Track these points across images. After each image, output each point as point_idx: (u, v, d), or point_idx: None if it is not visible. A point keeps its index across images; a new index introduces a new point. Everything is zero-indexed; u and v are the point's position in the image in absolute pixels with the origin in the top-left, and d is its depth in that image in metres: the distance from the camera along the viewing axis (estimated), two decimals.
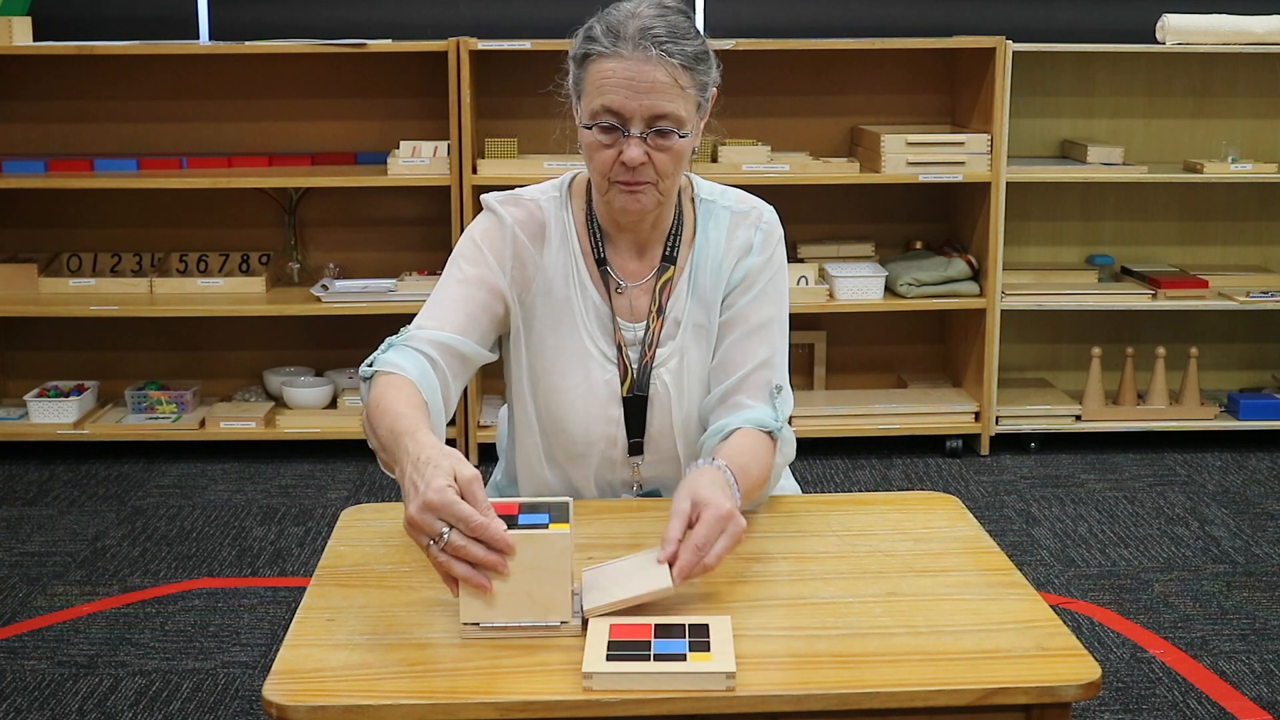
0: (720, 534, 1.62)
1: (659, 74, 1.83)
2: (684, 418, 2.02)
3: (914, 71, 4.74)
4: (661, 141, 1.86)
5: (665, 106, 1.84)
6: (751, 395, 1.97)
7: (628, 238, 2.01)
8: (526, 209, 2.01)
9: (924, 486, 4.23)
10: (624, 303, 2.01)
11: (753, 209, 2.05)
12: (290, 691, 1.45)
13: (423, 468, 1.56)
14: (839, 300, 4.45)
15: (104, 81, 4.63)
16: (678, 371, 2.01)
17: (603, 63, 1.85)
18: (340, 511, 2.09)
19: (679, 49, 1.84)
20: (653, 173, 1.88)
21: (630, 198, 1.90)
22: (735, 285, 2.01)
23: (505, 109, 4.61)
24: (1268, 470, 4.40)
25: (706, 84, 1.91)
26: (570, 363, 1.99)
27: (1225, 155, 4.58)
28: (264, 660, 3.06)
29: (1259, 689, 2.94)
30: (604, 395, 2.00)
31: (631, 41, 1.83)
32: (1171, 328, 4.84)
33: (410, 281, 4.45)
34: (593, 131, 1.87)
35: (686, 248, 2.03)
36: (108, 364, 4.77)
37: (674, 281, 2.01)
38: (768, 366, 1.99)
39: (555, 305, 1.99)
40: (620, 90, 1.83)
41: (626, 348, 2.00)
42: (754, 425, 1.93)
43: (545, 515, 1.57)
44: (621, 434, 2.01)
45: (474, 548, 1.51)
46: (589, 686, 1.44)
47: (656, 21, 1.84)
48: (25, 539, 3.82)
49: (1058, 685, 1.47)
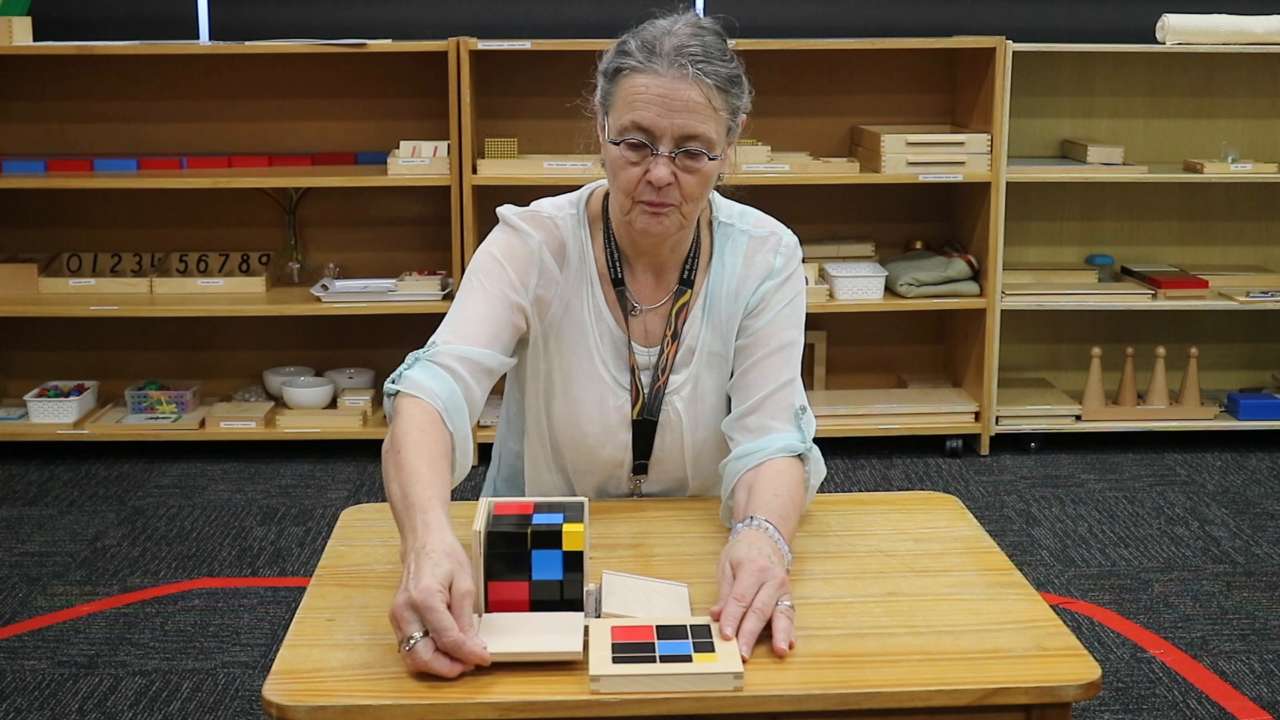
0: (759, 585, 1.58)
1: (693, 94, 1.79)
2: (696, 444, 2.01)
3: (914, 71, 4.74)
4: (690, 163, 1.82)
5: (697, 127, 1.80)
6: (775, 417, 1.93)
7: (645, 260, 1.98)
8: (547, 229, 1.96)
9: (924, 486, 4.23)
10: (639, 326, 1.99)
11: (771, 234, 2.01)
12: (290, 691, 1.45)
13: (423, 560, 1.51)
14: (839, 300, 4.45)
15: (104, 81, 4.63)
16: (691, 399, 1.99)
17: (636, 78, 1.81)
18: (340, 511, 2.09)
19: (714, 70, 1.80)
20: (678, 195, 1.83)
21: (653, 219, 1.85)
22: (753, 309, 1.98)
23: (505, 109, 4.61)
24: (1268, 470, 4.40)
25: (738, 109, 1.87)
26: (583, 386, 1.97)
27: (1225, 155, 4.58)
28: (264, 660, 3.06)
29: (1259, 689, 2.94)
30: (614, 421, 1.98)
31: (667, 59, 1.79)
32: (1171, 328, 4.84)
33: (410, 281, 4.45)
34: (620, 148, 1.82)
35: (703, 272, 2.00)
36: (108, 364, 4.77)
37: (690, 306, 1.99)
38: (790, 388, 1.96)
39: (571, 326, 1.97)
40: (652, 107, 1.79)
41: (639, 371, 1.98)
42: (784, 452, 1.89)
43: (560, 515, 1.58)
44: (628, 456, 2.01)
45: (438, 663, 1.46)
46: (596, 689, 1.44)
47: (693, 41, 1.81)
48: (25, 539, 3.82)
49: (1058, 685, 1.47)
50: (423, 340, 2.02)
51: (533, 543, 1.55)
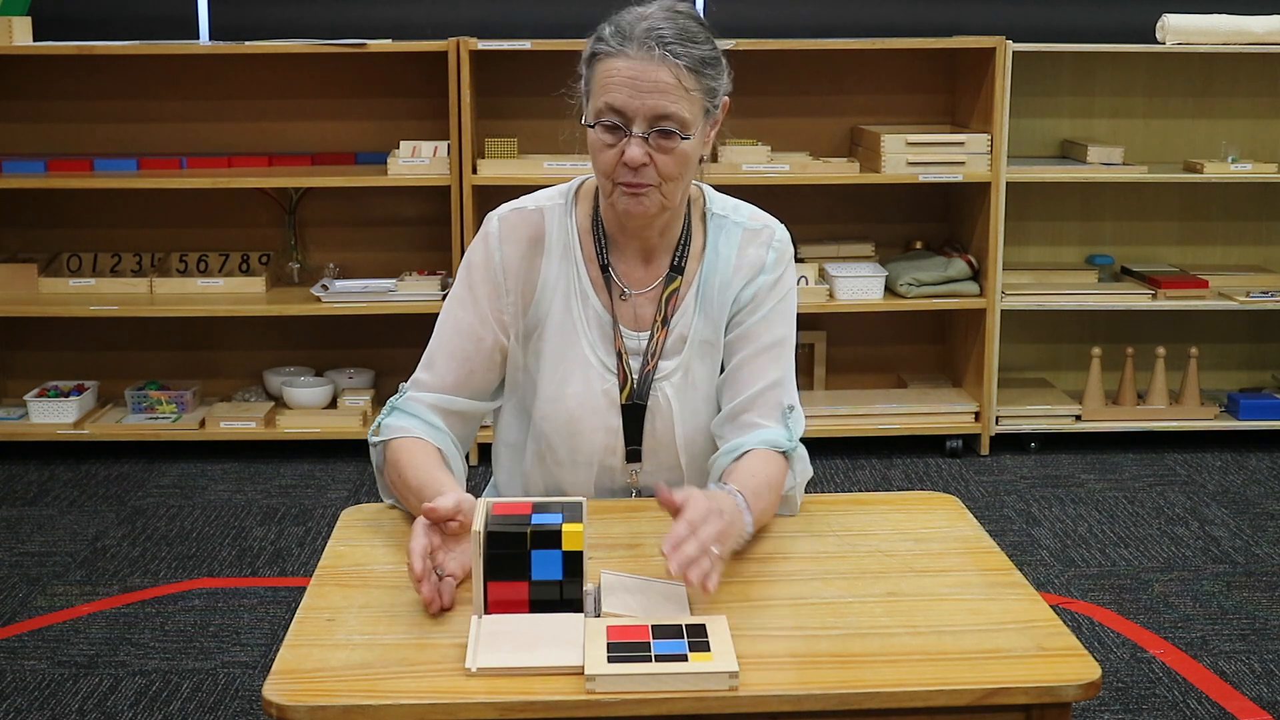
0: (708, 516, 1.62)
1: (663, 74, 1.82)
2: (688, 433, 2.01)
3: (914, 71, 4.74)
4: (664, 143, 1.84)
5: (668, 107, 1.83)
6: (763, 414, 1.95)
7: (634, 244, 1.99)
8: (528, 219, 1.99)
9: (924, 486, 4.23)
10: (627, 310, 2.00)
11: (765, 227, 2.03)
12: (290, 691, 1.45)
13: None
14: (839, 300, 4.45)
15: (104, 81, 4.63)
16: (681, 386, 1.99)
17: (609, 62, 1.84)
18: (340, 511, 2.09)
19: (686, 51, 1.83)
20: (655, 174, 1.86)
21: (633, 200, 1.89)
22: (745, 304, 1.99)
23: (505, 109, 4.61)
24: (1268, 470, 4.40)
25: (715, 90, 1.89)
26: (570, 371, 1.98)
27: (1225, 155, 4.58)
28: (264, 660, 3.06)
29: (1259, 689, 2.94)
30: (603, 404, 1.99)
31: (637, 41, 1.82)
32: (1171, 328, 4.84)
33: (410, 281, 4.45)
34: (596, 130, 1.86)
35: (695, 261, 2.01)
36: (108, 364, 4.77)
37: (681, 294, 2.00)
38: (779, 386, 1.97)
39: (556, 314, 1.98)
40: (624, 89, 1.83)
41: (628, 356, 1.99)
42: (767, 445, 1.92)
43: (559, 515, 1.58)
44: (620, 442, 2.01)
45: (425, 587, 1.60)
46: (592, 689, 1.44)
47: (665, 23, 1.84)
48: (25, 539, 3.82)
49: (1058, 685, 1.47)
50: (423, 340, 2.03)
51: (532, 543, 1.55)
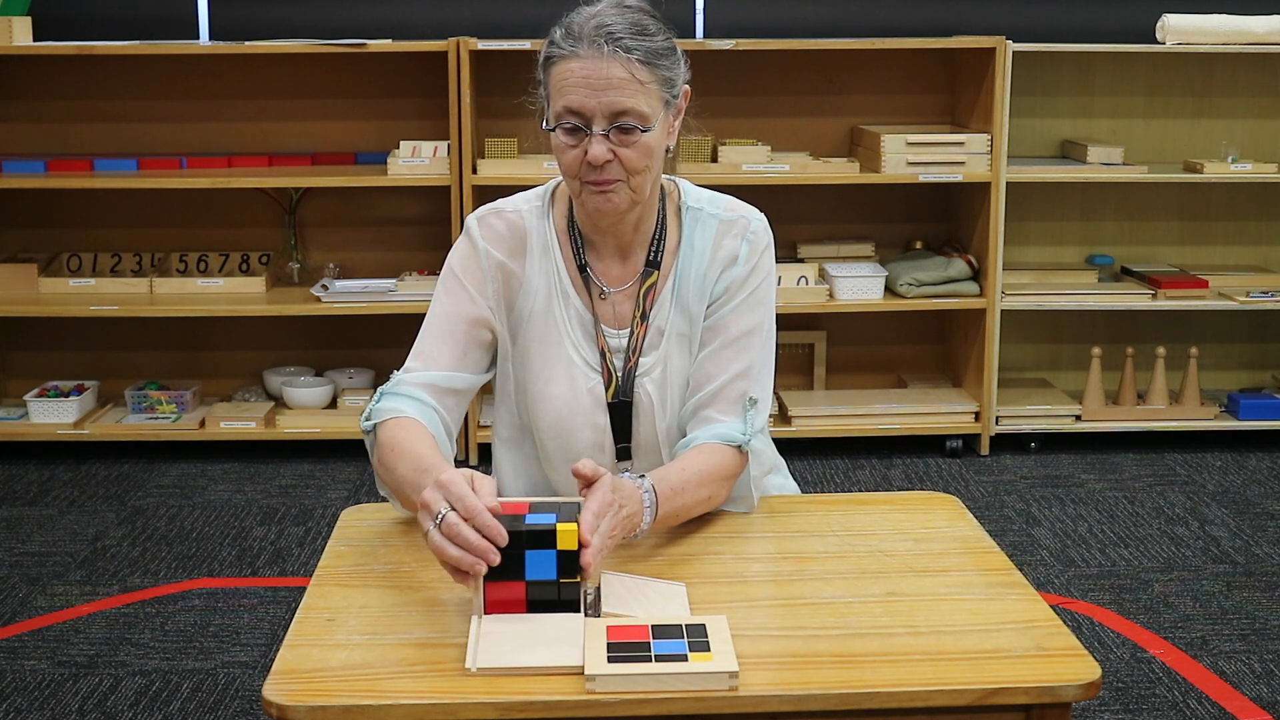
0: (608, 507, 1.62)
1: (615, 70, 1.83)
2: (668, 427, 2.01)
3: (914, 71, 4.74)
4: (625, 138, 1.85)
5: (625, 102, 1.83)
6: (722, 409, 1.95)
7: (610, 242, 2.00)
8: (508, 221, 2.00)
9: (924, 486, 4.23)
10: (607, 308, 2.01)
11: (740, 217, 2.02)
12: (290, 691, 1.45)
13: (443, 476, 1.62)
14: (839, 300, 4.45)
15: (104, 81, 4.63)
16: (661, 381, 2.00)
17: (562, 64, 1.85)
18: (340, 511, 2.10)
19: (637, 44, 1.83)
20: (620, 170, 1.87)
21: (602, 198, 1.89)
22: (718, 297, 1.99)
23: (505, 109, 4.61)
24: (1268, 470, 4.40)
25: (672, 80, 1.90)
26: (555, 371, 1.99)
27: (1225, 155, 4.58)
28: (264, 660, 3.06)
29: (1259, 689, 2.94)
30: (588, 403, 1.99)
31: (588, 40, 1.83)
32: (1171, 328, 4.84)
33: (410, 281, 4.45)
34: (558, 133, 1.87)
35: (671, 255, 2.01)
36: (108, 364, 4.77)
37: (658, 288, 2.00)
38: (744, 378, 1.97)
39: (539, 315, 1.99)
40: (579, 90, 1.83)
41: (611, 354, 1.99)
42: (719, 440, 1.92)
43: (553, 515, 1.58)
44: (609, 440, 2.01)
45: (465, 530, 1.53)
46: (592, 689, 1.44)
47: (614, 19, 1.85)
48: (25, 539, 3.82)
49: (1058, 685, 1.47)
50: None
51: (527, 543, 1.55)
